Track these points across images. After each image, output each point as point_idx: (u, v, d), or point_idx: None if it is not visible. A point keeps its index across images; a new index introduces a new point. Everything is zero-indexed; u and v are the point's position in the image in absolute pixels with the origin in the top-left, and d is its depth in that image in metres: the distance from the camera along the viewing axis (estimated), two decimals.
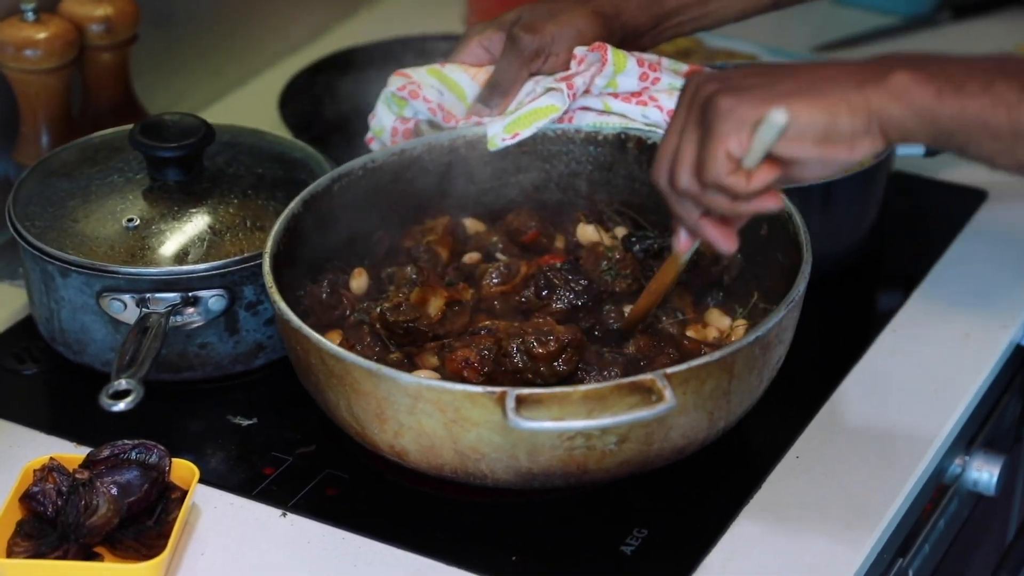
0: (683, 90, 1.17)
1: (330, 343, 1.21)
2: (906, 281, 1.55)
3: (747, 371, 1.22)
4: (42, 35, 1.54)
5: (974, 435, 1.49)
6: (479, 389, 1.16)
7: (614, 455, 1.19)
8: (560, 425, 1.14)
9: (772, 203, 1.14)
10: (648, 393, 1.15)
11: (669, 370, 1.16)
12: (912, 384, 1.42)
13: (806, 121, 1.10)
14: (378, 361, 1.26)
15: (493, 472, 1.20)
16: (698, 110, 1.13)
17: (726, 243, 1.19)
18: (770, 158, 1.12)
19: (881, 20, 2.07)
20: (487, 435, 1.17)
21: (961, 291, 1.53)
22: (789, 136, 1.10)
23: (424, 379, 1.19)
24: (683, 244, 1.23)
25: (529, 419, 1.13)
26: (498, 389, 1.15)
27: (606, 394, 1.15)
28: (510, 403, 1.14)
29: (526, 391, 1.14)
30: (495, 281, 1.36)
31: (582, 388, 1.14)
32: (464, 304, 1.33)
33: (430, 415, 1.17)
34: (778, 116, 1.09)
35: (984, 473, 1.47)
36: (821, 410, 1.38)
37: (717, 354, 1.18)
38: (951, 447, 1.40)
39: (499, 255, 1.40)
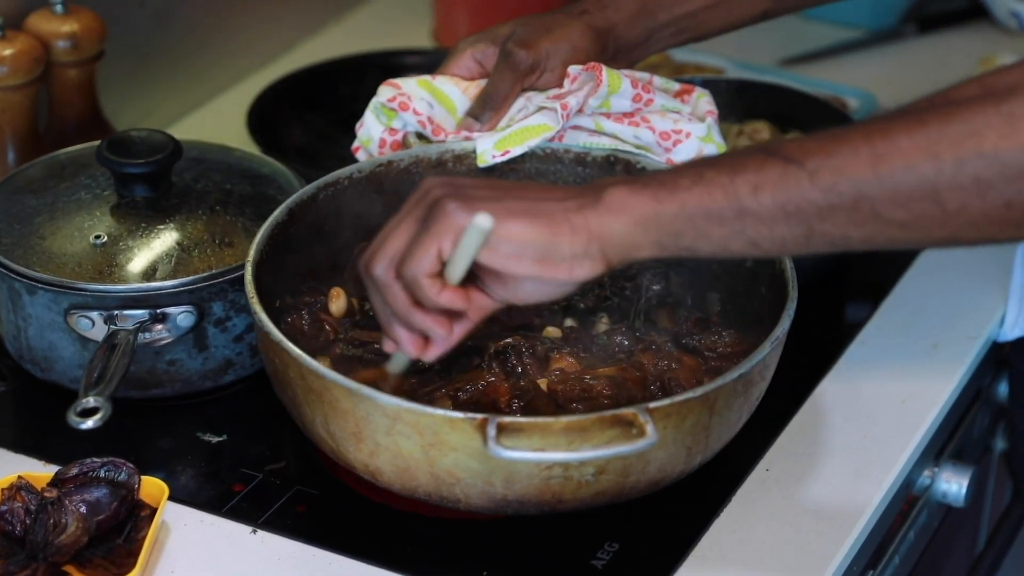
0: (416, 190, 1.17)
1: (311, 359, 1.19)
2: (874, 293, 1.56)
3: (728, 408, 1.21)
4: (8, 51, 1.53)
5: (943, 446, 1.50)
6: (459, 415, 1.14)
7: (590, 485, 1.18)
8: (540, 456, 1.14)
9: (441, 329, 1.15)
10: (629, 426, 1.14)
11: (651, 404, 1.15)
12: (881, 396, 1.42)
13: (528, 240, 1.10)
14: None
15: (467, 497, 1.20)
16: (423, 209, 1.14)
17: (441, 338, 1.16)
18: (470, 285, 1.13)
19: (847, 34, 2.08)
20: (464, 460, 1.16)
21: (929, 302, 1.54)
22: (509, 253, 1.10)
23: (404, 401, 1.17)
24: (390, 346, 1.21)
25: (509, 448, 1.12)
26: (479, 416, 1.14)
27: (588, 426, 1.13)
28: (491, 431, 1.13)
29: (507, 419, 1.13)
30: None
31: (564, 419, 1.13)
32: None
33: (408, 437, 1.17)
34: (483, 220, 1.09)
35: (953, 484, 1.48)
36: (791, 423, 1.39)
37: (700, 390, 1.17)
38: (920, 458, 1.40)
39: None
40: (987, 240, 1.06)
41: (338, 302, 1.35)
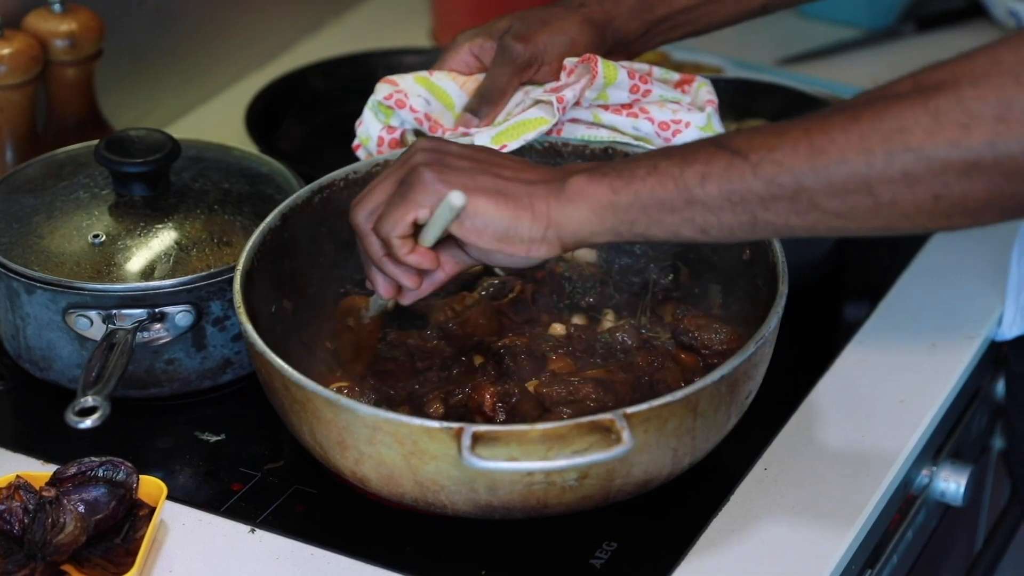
0: (407, 149, 1.23)
1: (292, 369, 1.19)
2: (872, 292, 1.56)
3: (712, 409, 1.20)
4: (6, 51, 1.53)
5: (941, 445, 1.50)
6: (436, 424, 1.14)
7: (574, 490, 1.18)
8: (513, 465, 1.13)
9: (409, 281, 1.22)
10: (607, 433, 1.13)
11: (629, 409, 1.14)
12: (879, 395, 1.42)
13: (492, 219, 1.16)
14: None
15: (453, 503, 1.20)
16: (405, 171, 1.20)
17: (409, 290, 1.24)
18: (445, 245, 1.20)
19: (845, 33, 2.08)
20: (445, 468, 1.16)
21: (927, 301, 1.54)
22: (472, 227, 1.17)
23: (381, 411, 1.17)
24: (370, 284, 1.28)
25: (484, 458, 1.12)
26: (455, 425, 1.14)
27: (565, 433, 1.13)
28: (466, 441, 1.12)
29: (483, 428, 1.13)
30: (483, 295, 1.36)
31: (539, 427, 1.13)
32: (477, 302, 1.35)
33: (389, 446, 1.17)
34: (455, 198, 1.15)
35: (951, 483, 1.48)
36: (789, 422, 1.39)
37: (680, 393, 1.17)
38: (918, 458, 1.40)
39: (497, 268, 1.40)
40: (922, 229, 1.10)
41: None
